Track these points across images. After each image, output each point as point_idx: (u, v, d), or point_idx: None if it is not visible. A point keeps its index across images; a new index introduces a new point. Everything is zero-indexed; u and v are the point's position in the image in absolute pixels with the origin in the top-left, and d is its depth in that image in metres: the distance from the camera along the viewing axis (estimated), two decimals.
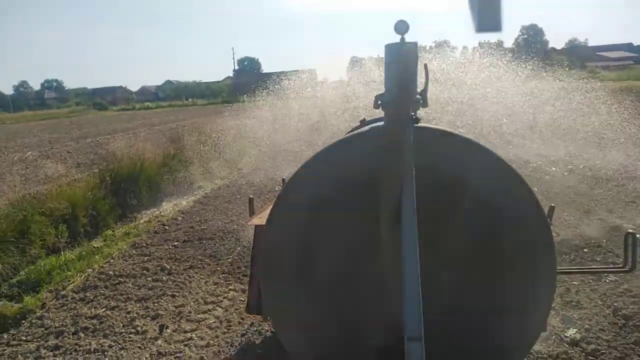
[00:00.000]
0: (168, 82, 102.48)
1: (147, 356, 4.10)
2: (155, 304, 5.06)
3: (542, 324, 2.35)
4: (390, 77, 2.11)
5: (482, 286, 2.25)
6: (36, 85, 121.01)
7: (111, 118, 47.49)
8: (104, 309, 5.04)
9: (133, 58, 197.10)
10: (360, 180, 2.20)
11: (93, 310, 5.06)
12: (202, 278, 5.68)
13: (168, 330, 4.50)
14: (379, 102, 2.20)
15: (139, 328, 4.57)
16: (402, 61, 2.04)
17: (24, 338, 4.61)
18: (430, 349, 1.84)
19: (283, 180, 4.03)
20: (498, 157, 2.22)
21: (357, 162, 2.22)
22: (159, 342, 4.32)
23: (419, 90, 2.32)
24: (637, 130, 11.77)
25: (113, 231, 8.18)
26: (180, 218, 8.61)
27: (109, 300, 5.26)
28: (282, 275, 2.36)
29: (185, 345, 4.22)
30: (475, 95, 14.47)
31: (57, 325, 4.81)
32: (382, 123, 2.41)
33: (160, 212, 9.47)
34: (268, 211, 3.04)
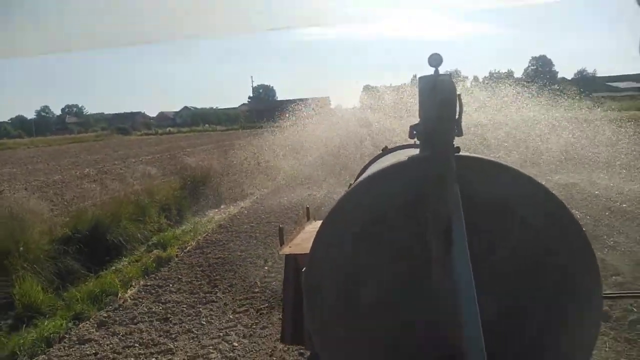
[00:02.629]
0: (185, 108, 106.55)
1: (260, 274, 6.80)
2: (254, 252, 7.82)
3: (590, 352, 2.31)
4: (427, 108, 2.16)
5: (528, 312, 2.22)
6: (56, 110, 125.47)
7: (138, 142, 50.51)
8: (222, 255, 7.81)
9: (150, 84, 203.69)
10: (403, 212, 2.20)
11: (215, 255, 7.83)
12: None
13: (269, 262, 7.22)
14: (414, 132, 2.24)
15: (249, 263, 7.31)
16: (440, 92, 2.10)
17: (176, 268, 7.37)
18: None
19: (307, 208, 4.32)
20: (539, 184, 2.22)
21: (398, 194, 2.21)
22: (266, 267, 7.05)
23: None
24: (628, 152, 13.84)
25: (200, 218, 11.00)
26: (245, 212, 11.41)
27: (222, 252, 8.03)
28: (327, 308, 2.32)
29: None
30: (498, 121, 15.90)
31: (193, 263, 7.57)
32: (413, 152, 2.43)
33: (227, 210, 12.26)
34: (297, 240, 3.12)
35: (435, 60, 2.16)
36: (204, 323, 5.35)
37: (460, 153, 2.20)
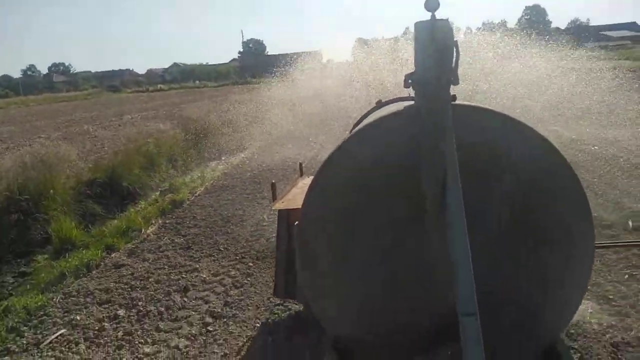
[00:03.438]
0: (175, 64, 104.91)
1: (267, 211, 7.61)
2: (258, 194, 8.62)
3: (579, 299, 2.35)
4: (423, 55, 2.04)
5: (520, 261, 2.24)
6: (43, 69, 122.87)
7: (130, 99, 50.17)
8: (231, 197, 8.61)
9: (137, 41, 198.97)
10: (399, 162, 2.15)
11: (224, 197, 8.63)
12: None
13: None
14: (410, 81, 2.15)
15: (256, 204, 8.11)
16: (437, 39, 1.98)
17: (189, 209, 8.18)
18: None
19: (300, 164, 4.30)
20: (535, 131, 2.20)
21: (395, 143, 2.16)
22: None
23: None
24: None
25: (204, 168, 11.74)
26: (247, 162, 12.16)
27: (230, 195, 8.82)
28: (322, 258, 2.30)
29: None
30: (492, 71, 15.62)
31: (205, 204, 8.38)
32: (407, 104, 2.34)
33: (228, 160, 12.98)
34: (290, 196, 3.13)
35: (432, 3, 2.03)
36: (222, 249, 6.20)
37: (456, 102, 2.16)
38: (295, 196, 3.45)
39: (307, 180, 4.13)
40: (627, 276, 4.58)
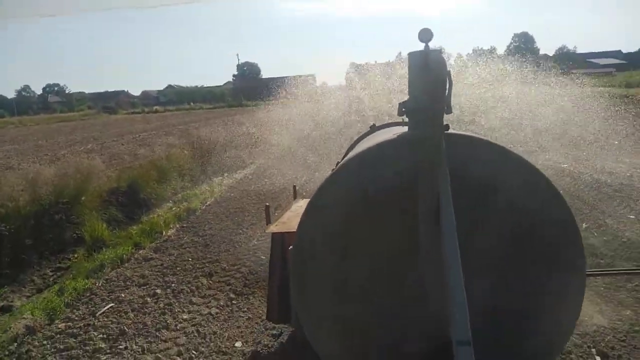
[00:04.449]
0: (170, 86, 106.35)
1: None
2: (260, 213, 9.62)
3: (573, 324, 2.33)
4: (417, 85, 2.07)
5: (514, 288, 2.23)
6: (37, 90, 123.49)
7: (127, 121, 51.10)
8: (239, 205, 9.63)
9: (133, 63, 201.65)
10: (393, 188, 2.15)
11: (233, 206, 9.65)
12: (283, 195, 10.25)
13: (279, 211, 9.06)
14: (403, 110, 2.16)
15: (263, 212, 9.12)
16: (431, 69, 1.99)
17: (203, 215, 9.17)
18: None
19: (294, 187, 4.28)
20: (526, 161, 2.20)
21: (389, 170, 2.16)
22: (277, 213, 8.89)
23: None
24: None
25: (212, 181, 12.77)
26: (249, 177, 13.23)
27: (238, 204, 9.85)
28: (317, 283, 2.29)
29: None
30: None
31: (217, 211, 9.39)
32: (401, 129, 2.38)
33: (232, 176, 14.01)
34: (284, 219, 3.14)
35: (425, 35, 2.06)
36: (237, 247, 7.20)
37: (450, 131, 2.18)
38: (289, 219, 3.40)
39: (301, 203, 4.14)
40: None
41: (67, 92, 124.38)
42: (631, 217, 7.34)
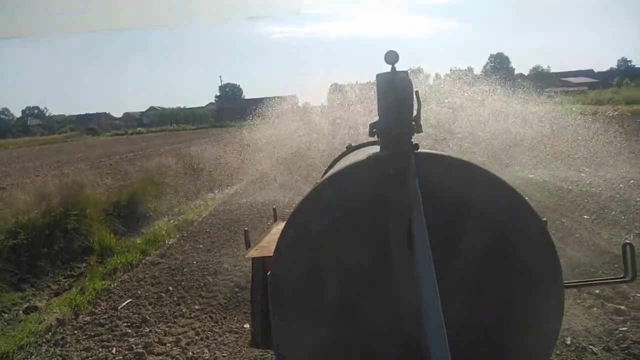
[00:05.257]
0: (152, 108, 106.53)
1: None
2: (258, 214, 10.40)
3: (554, 338, 2.32)
4: (385, 105, 2.14)
5: (491, 305, 2.24)
6: (17, 113, 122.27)
7: (111, 142, 51.36)
8: (233, 217, 10.38)
9: (114, 85, 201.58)
10: (365, 209, 2.18)
11: (227, 217, 10.40)
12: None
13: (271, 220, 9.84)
14: (374, 130, 2.22)
15: (257, 221, 9.88)
16: (397, 90, 2.05)
17: (199, 227, 9.90)
18: None
19: (274, 209, 4.46)
20: (498, 178, 2.22)
21: (359, 193, 2.20)
22: (269, 221, 9.66)
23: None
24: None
25: (204, 196, 13.50)
26: (240, 192, 13.99)
27: (232, 216, 10.60)
28: (293, 306, 2.31)
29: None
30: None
31: (213, 223, 10.13)
32: (375, 149, 2.42)
33: (223, 192, 14.75)
34: (264, 243, 3.26)
35: (391, 57, 2.12)
36: (236, 250, 7.94)
37: (419, 150, 2.20)
38: (269, 243, 3.38)
39: (281, 226, 3.57)
40: None
41: (47, 114, 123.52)
42: (585, 217, 8.32)
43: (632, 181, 10.79)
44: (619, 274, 2.67)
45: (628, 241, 2.54)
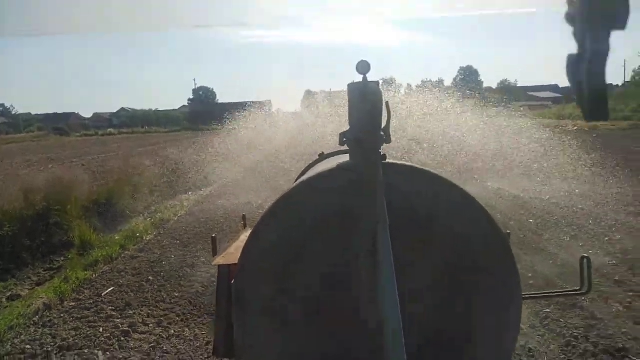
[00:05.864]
0: (123, 109, 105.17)
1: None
2: (234, 214, 10.94)
3: (512, 348, 2.38)
4: (355, 115, 2.16)
5: (452, 315, 2.27)
6: None
7: (81, 143, 50.47)
8: (208, 216, 10.89)
9: (83, 85, 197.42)
10: (332, 218, 2.20)
11: (203, 216, 10.91)
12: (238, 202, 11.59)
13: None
14: (344, 140, 2.24)
15: (231, 221, 10.42)
16: (368, 100, 2.08)
17: (176, 224, 10.37)
18: None
19: (244, 216, 4.46)
20: (463, 191, 2.26)
21: (331, 197, 2.20)
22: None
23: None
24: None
25: (180, 196, 13.94)
26: (215, 193, 14.49)
27: (208, 215, 11.11)
28: (257, 318, 2.28)
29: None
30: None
31: (189, 221, 10.62)
32: (345, 158, 2.43)
33: (198, 192, 15.20)
34: (232, 250, 3.26)
35: (363, 67, 2.13)
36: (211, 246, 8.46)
37: (387, 160, 2.22)
38: (237, 250, 3.31)
39: (249, 233, 3.85)
40: None
41: (13, 113, 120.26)
42: (531, 221, 9.20)
43: (577, 190, 11.81)
44: (546, 265, 2.91)
45: (585, 255, 2.63)
